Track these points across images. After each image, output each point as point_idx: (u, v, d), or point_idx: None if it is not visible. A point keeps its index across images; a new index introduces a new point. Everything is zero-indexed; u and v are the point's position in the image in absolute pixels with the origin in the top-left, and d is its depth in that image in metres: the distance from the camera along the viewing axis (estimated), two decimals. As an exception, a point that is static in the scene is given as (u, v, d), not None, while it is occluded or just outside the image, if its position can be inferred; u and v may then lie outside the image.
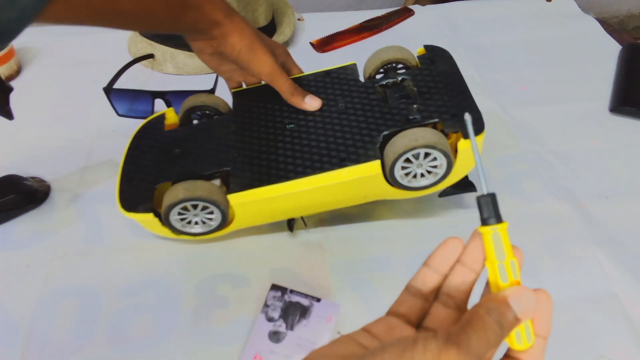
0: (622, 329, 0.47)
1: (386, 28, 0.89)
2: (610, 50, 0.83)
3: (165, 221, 0.49)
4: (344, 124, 0.50)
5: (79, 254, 0.54)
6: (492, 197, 0.27)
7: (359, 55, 0.58)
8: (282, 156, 0.49)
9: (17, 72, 0.78)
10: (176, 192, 0.47)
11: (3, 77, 0.74)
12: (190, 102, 0.56)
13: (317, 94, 0.53)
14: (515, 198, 0.59)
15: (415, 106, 0.49)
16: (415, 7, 0.94)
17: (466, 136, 0.47)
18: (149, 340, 0.47)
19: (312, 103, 0.51)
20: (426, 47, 0.56)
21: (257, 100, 0.55)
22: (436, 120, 0.48)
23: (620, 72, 0.77)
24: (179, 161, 0.51)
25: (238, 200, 0.48)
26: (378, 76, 0.55)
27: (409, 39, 0.86)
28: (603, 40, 0.85)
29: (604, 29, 0.88)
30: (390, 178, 0.47)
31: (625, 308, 0.48)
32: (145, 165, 0.52)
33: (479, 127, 0.48)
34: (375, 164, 0.47)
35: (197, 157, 0.51)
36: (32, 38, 0.84)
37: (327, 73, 0.55)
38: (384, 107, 0.50)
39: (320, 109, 0.52)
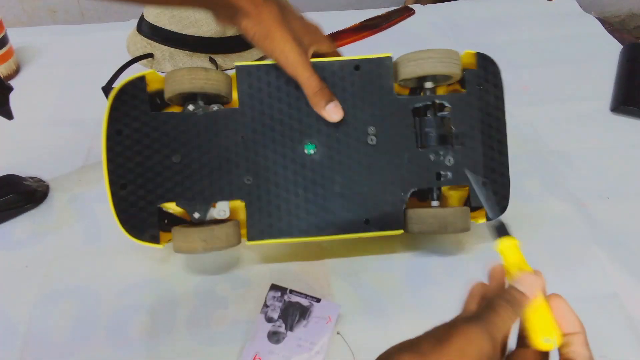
0: (623, 330, 0.47)
1: (386, 27, 0.89)
2: (611, 50, 0.82)
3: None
4: (371, 164, 0.47)
5: (77, 254, 0.53)
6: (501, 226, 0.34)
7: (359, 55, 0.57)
8: (302, 199, 0.46)
9: (16, 72, 0.78)
10: (192, 242, 0.45)
11: (2, 77, 0.74)
12: (184, 84, 0.46)
13: (342, 95, 0.46)
14: (516, 198, 0.58)
15: (449, 157, 0.47)
16: (416, 7, 0.94)
17: (489, 218, 0.48)
18: (148, 340, 0.46)
19: (332, 113, 0.45)
20: (479, 57, 0.48)
21: (267, 88, 0.47)
22: (465, 183, 0.48)
23: (621, 72, 0.77)
24: (180, 174, 0.47)
25: (255, 244, 0.48)
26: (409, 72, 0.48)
27: (410, 38, 0.86)
28: (604, 40, 0.85)
29: (605, 28, 0.88)
30: (406, 230, 0.48)
31: (626, 308, 0.48)
32: (137, 164, 0.47)
33: (501, 208, 0.49)
34: (398, 232, 0.47)
35: (202, 173, 0.47)
36: (31, 37, 0.84)
37: (357, 66, 0.47)
38: (416, 149, 0.47)
39: (346, 131, 0.47)
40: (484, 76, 0.48)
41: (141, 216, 0.47)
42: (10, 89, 0.53)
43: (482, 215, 0.49)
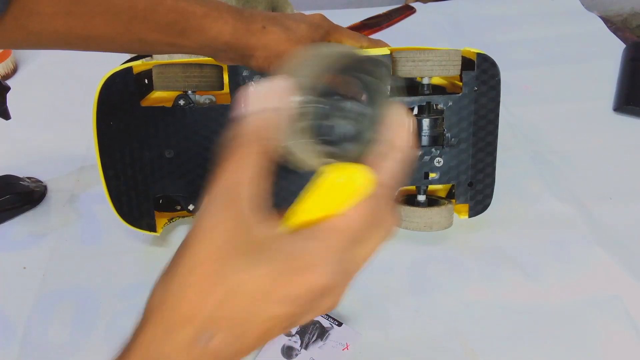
0: (625, 331, 0.46)
1: (387, 26, 0.88)
2: (613, 49, 0.82)
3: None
4: None
5: (76, 255, 0.53)
6: None
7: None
8: (292, 193, 0.47)
9: (14, 71, 0.77)
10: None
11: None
12: (178, 83, 0.45)
13: None
14: (517, 199, 0.59)
15: (438, 158, 0.48)
16: (417, 5, 0.93)
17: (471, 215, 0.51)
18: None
19: None
20: (479, 58, 0.47)
21: None
22: (452, 183, 0.49)
23: (624, 71, 0.76)
24: (173, 169, 0.47)
25: None
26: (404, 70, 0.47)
27: (411, 37, 0.85)
28: (607, 39, 0.84)
29: (608, 27, 0.87)
30: None
31: (628, 310, 0.48)
32: (130, 158, 0.47)
33: (484, 206, 0.50)
34: None
35: (195, 168, 0.47)
36: (30, 36, 0.83)
37: None
38: None
39: None
40: (482, 78, 0.48)
41: (137, 205, 0.48)
42: (7, 88, 0.52)
43: (465, 210, 0.51)
